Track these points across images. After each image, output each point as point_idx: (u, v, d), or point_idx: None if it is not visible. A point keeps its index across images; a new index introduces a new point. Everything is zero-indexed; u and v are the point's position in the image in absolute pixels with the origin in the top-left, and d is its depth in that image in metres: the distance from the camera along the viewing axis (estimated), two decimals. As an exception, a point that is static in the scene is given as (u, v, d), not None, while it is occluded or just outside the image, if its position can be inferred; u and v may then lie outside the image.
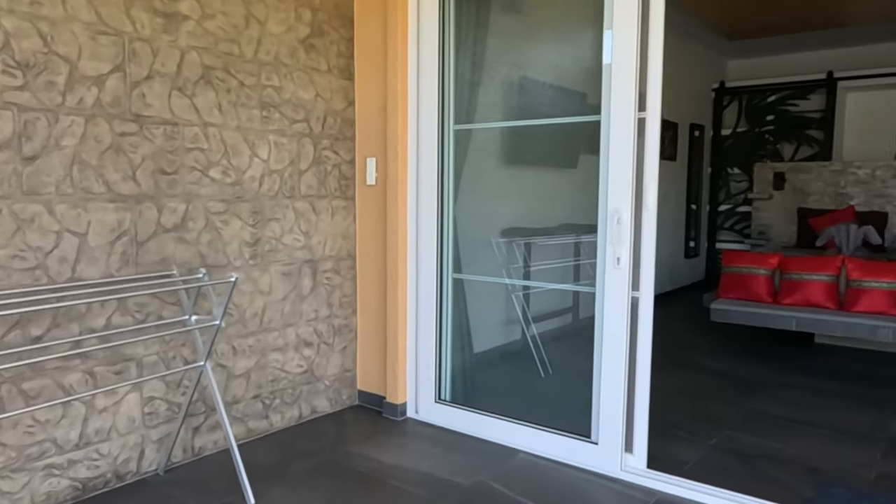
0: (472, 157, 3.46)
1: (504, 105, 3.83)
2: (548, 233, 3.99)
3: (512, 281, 3.46)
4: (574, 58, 3.68)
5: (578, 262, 4.10)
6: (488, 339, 3.89)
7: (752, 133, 7.86)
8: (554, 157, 4.01)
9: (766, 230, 7.26)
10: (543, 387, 3.62)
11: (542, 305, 4.05)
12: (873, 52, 7.27)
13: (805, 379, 4.03)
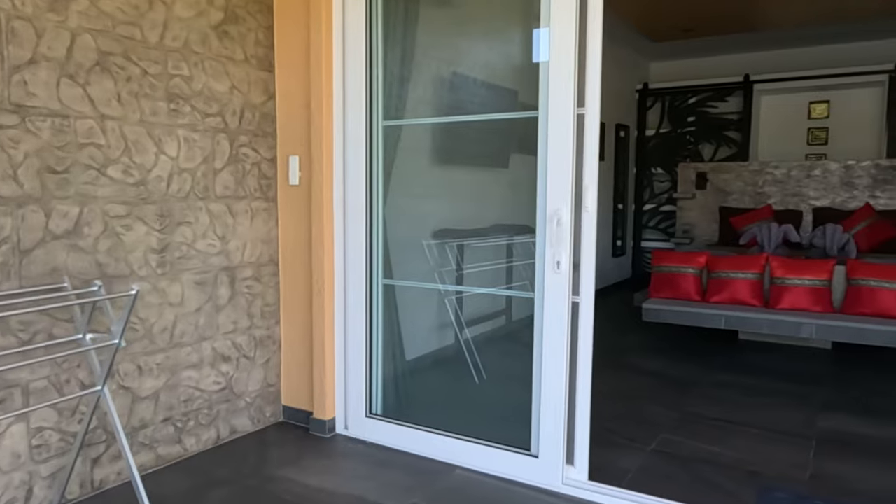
0: (402, 155, 3.29)
1: (435, 101, 3.68)
2: (480, 234, 3.86)
3: (446, 286, 3.30)
4: (506, 55, 3.56)
5: (511, 264, 3.99)
6: (421, 345, 3.73)
7: (674, 134, 8.04)
8: (486, 155, 3.89)
9: (689, 229, 7.43)
10: (479, 394, 3.49)
11: (475, 308, 3.92)
12: (785, 57, 7.57)
13: (734, 377, 4.07)
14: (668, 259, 4.69)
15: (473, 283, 3.86)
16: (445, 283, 3.66)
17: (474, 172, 3.98)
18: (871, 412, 3.44)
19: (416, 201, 3.65)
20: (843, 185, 6.59)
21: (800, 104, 7.64)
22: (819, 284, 4.20)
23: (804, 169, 6.78)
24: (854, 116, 7.33)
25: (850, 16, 6.15)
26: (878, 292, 4.00)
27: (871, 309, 4.02)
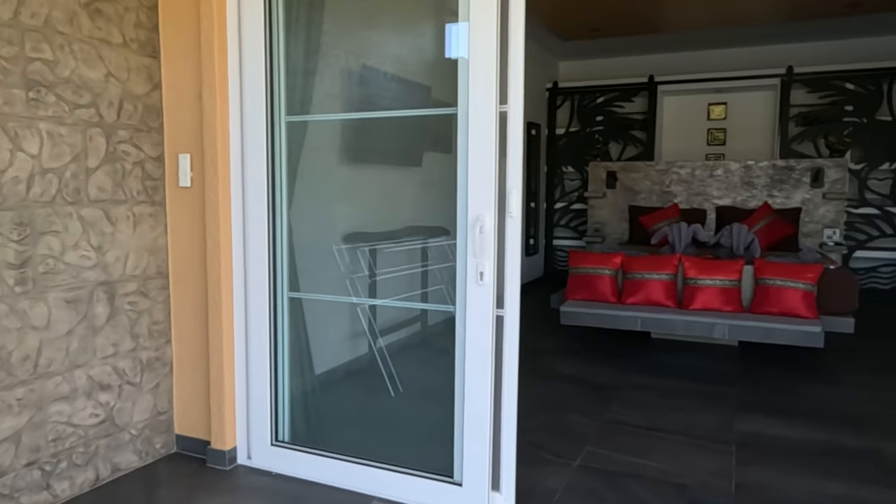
0: (309, 153, 3.02)
1: (344, 96, 3.43)
2: (394, 236, 3.64)
3: (360, 299, 3.06)
4: (419, 49, 3.37)
5: (427, 268, 3.80)
6: (332, 358, 3.48)
7: (583, 133, 8.12)
8: (398, 154, 3.69)
9: (600, 227, 7.52)
10: (396, 410, 3.28)
11: (390, 314, 3.71)
12: (687, 59, 7.80)
13: (649, 378, 4.06)
14: (585, 260, 4.65)
15: (388, 289, 3.65)
16: (358, 290, 3.44)
17: (386, 171, 3.77)
18: (783, 412, 3.50)
19: (325, 203, 3.40)
20: (744, 184, 6.85)
21: (700, 105, 7.90)
22: (729, 284, 4.28)
23: (707, 169, 7.00)
24: (749, 118, 7.66)
25: (745, 20, 6.38)
26: (784, 291, 4.11)
27: (778, 308, 4.12)
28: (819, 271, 4.12)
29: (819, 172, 6.56)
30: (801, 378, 4.06)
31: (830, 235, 6.51)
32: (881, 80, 6.78)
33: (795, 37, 7.07)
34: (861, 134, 6.85)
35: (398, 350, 3.50)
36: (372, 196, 3.68)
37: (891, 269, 6.81)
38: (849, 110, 6.90)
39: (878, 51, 6.96)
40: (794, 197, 6.66)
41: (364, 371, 3.62)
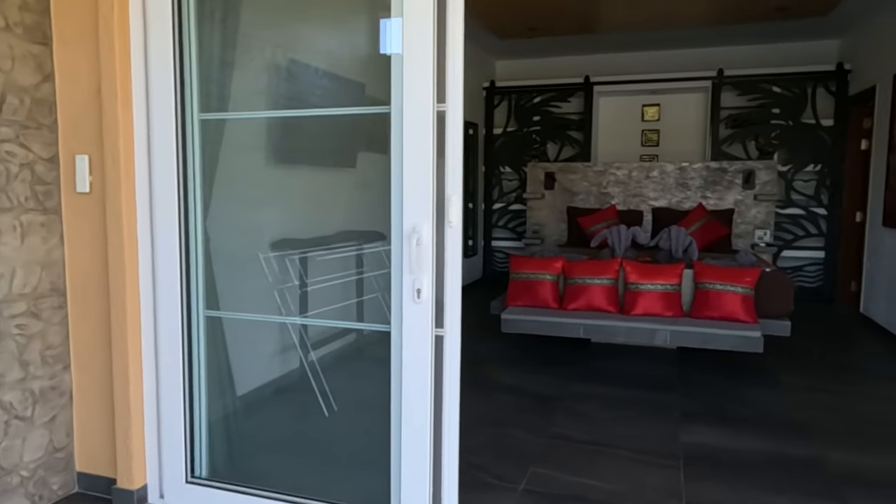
0: (229, 154, 2.75)
1: (269, 92, 3.18)
2: (326, 242, 3.41)
3: (285, 319, 2.81)
4: (352, 44, 3.16)
5: (362, 275, 3.59)
6: (258, 376, 3.21)
7: (521, 133, 8.03)
8: (330, 154, 3.46)
9: (539, 229, 7.44)
10: (330, 432, 3.05)
11: (322, 325, 3.46)
12: (622, 60, 7.82)
13: (591, 387, 3.96)
14: (525, 266, 4.52)
15: (321, 299, 3.42)
16: (287, 301, 3.19)
17: (318, 173, 3.53)
18: (726, 420, 3.45)
19: (250, 208, 3.13)
20: (679, 185, 6.90)
21: (634, 106, 7.95)
22: (670, 289, 4.23)
23: (644, 170, 7.02)
24: (682, 120, 7.75)
25: (678, 22, 6.41)
26: (724, 296, 4.09)
27: (718, 312, 4.10)
28: (757, 275, 4.12)
29: (750, 174, 6.67)
30: (740, 382, 4.05)
31: (761, 236, 6.63)
32: (806, 84, 6.96)
33: (726, 40, 7.19)
34: (787, 136, 7.02)
35: (332, 363, 3.27)
36: (302, 199, 3.44)
37: (816, 268, 7.02)
38: (776, 113, 7.06)
39: (803, 55, 7.15)
40: (727, 198, 6.76)
41: (294, 388, 3.37)
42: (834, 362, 4.61)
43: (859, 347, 5.08)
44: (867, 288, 6.06)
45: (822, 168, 6.91)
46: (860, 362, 4.62)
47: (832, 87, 6.87)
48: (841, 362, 4.62)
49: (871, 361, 4.63)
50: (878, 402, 3.75)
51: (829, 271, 6.92)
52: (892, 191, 5.44)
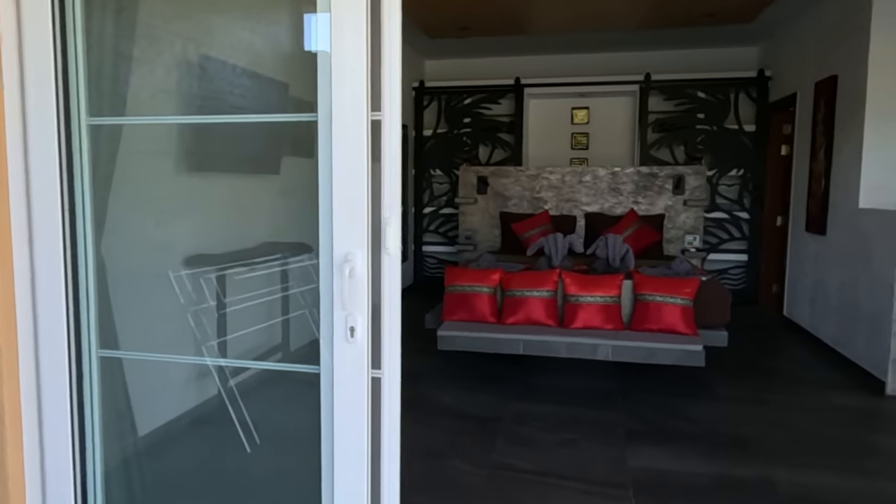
0: (132, 163, 2.39)
1: (179, 92, 2.82)
2: (247, 256, 3.08)
3: (197, 360, 2.48)
4: (274, 39, 2.86)
5: (287, 291, 3.30)
6: (167, 409, 2.86)
7: (451, 134, 7.82)
8: (251, 160, 3.14)
9: (472, 234, 7.26)
10: (252, 471, 2.74)
11: (245, 345, 3.15)
12: (552, 62, 7.75)
13: (532, 405, 3.79)
14: (461, 277, 4.30)
15: (242, 320, 3.10)
16: (203, 324, 2.86)
17: (236, 180, 3.20)
18: (670, 439, 3.34)
19: (157, 223, 2.78)
20: (611, 190, 6.88)
21: (564, 109, 7.91)
22: (610, 301, 4.11)
23: (576, 175, 6.96)
24: (610, 123, 7.77)
25: (608, 25, 6.37)
26: (664, 308, 4.01)
27: (658, 325, 4.01)
28: (696, 286, 4.07)
29: (680, 180, 6.72)
30: (679, 395, 3.98)
31: (691, 241, 6.69)
32: (729, 90, 7.09)
33: (654, 45, 7.23)
34: (712, 141, 7.13)
35: (255, 388, 2.96)
36: (219, 210, 3.10)
37: (739, 271, 7.16)
38: (701, 118, 7.16)
39: (726, 61, 7.29)
40: (658, 204, 6.79)
41: (211, 420, 3.03)
42: (767, 370, 4.63)
43: (788, 353, 5.15)
44: (790, 292, 6.20)
45: (744, 173, 7.06)
46: (791, 370, 4.66)
47: (753, 94, 7.02)
48: (773, 370, 4.65)
49: (802, 368, 4.69)
50: (814, 413, 3.75)
51: (751, 274, 7.08)
52: (814, 197, 5.56)
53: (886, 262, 4.15)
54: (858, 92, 4.68)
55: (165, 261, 2.76)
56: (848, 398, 4.02)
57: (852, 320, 4.67)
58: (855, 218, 4.71)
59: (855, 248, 4.69)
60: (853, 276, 4.70)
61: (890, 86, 4.51)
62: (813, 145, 5.63)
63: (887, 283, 4.12)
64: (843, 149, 4.98)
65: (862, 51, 4.62)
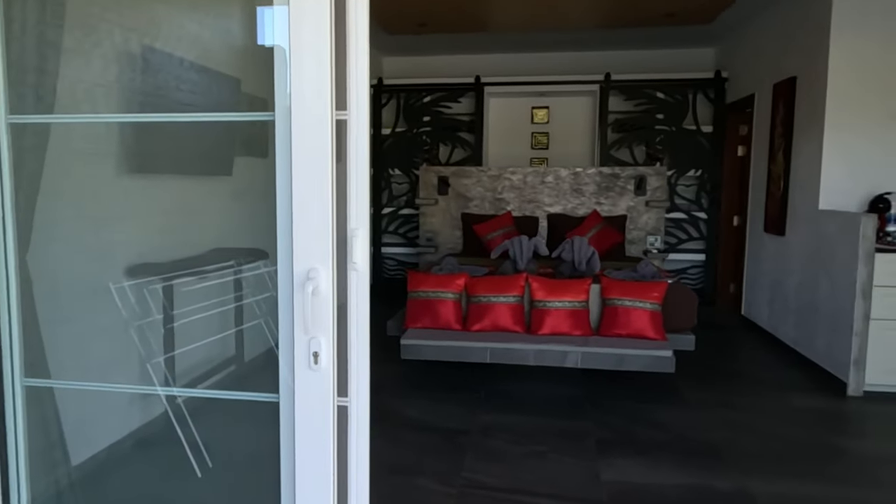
0: (64, 165, 2.16)
1: (121, 87, 2.61)
2: (197, 264, 2.87)
3: (136, 388, 2.26)
4: (225, 31, 2.67)
5: (242, 301, 3.10)
6: (108, 432, 2.62)
7: (410, 133, 7.65)
8: (201, 160, 2.94)
9: (433, 237, 7.09)
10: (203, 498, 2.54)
11: (194, 358, 2.94)
12: (512, 61, 7.65)
13: (500, 416, 3.66)
14: (425, 283, 4.14)
15: (191, 333, 2.89)
16: (148, 340, 2.65)
17: (185, 182, 2.98)
18: (642, 448, 3.25)
19: (96, 230, 2.55)
20: (573, 191, 6.81)
21: (524, 108, 7.82)
22: (578, 306, 4.01)
23: (539, 175, 6.87)
24: (571, 123, 7.72)
25: (568, 24, 6.30)
26: (633, 312, 3.93)
27: (627, 330, 3.93)
28: (664, 290, 4.00)
29: (642, 180, 6.70)
30: (648, 400, 3.91)
31: (653, 242, 6.68)
32: (687, 91, 7.11)
33: (614, 44, 7.20)
34: (671, 142, 7.14)
35: (207, 405, 2.75)
36: (166, 215, 2.88)
37: (697, 271, 7.20)
38: (660, 118, 7.16)
39: (683, 62, 7.32)
40: (620, 204, 6.75)
41: (157, 443, 2.80)
42: (730, 373, 4.61)
43: (750, 355, 5.16)
44: (748, 292, 6.24)
45: (702, 173, 7.09)
46: (754, 371, 4.66)
47: (711, 95, 7.06)
48: (737, 372, 4.63)
49: (764, 370, 4.69)
50: (780, 417, 3.73)
51: (709, 274, 7.12)
52: (773, 198, 5.60)
53: (848, 263, 4.17)
54: (818, 94, 4.71)
55: (105, 271, 2.55)
56: (811, 400, 4.02)
57: (812, 321, 4.70)
58: (815, 219, 4.74)
59: (815, 249, 4.72)
60: (813, 278, 4.73)
61: (850, 88, 4.54)
62: (771, 146, 5.66)
63: (849, 284, 4.14)
64: (803, 150, 5.01)
65: (822, 52, 4.65)
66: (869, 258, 4.02)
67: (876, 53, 4.49)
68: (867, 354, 4.05)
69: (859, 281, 4.04)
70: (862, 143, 4.58)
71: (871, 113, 4.54)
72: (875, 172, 4.58)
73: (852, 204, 4.63)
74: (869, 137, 4.56)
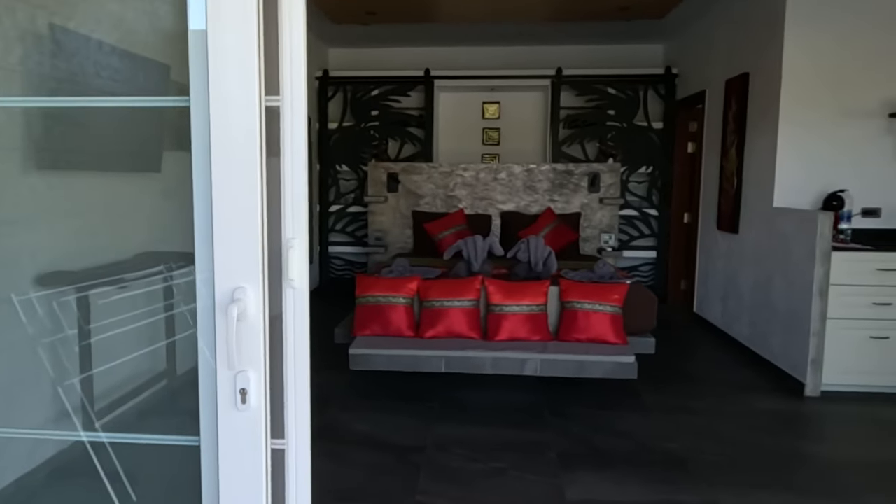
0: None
1: (24, 72, 2.27)
2: (121, 271, 2.55)
3: (31, 433, 1.96)
4: (152, 13, 2.35)
5: (173, 310, 2.77)
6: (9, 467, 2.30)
7: (358, 128, 7.35)
8: (124, 155, 2.60)
9: (382, 236, 6.82)
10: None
11: (115, 378, 2.62)
12: (463, 54, 7.44)
13: (455, 428, 3.44)
14: (374, 287, 3.88)
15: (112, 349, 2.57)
16: (61, 359, 2.34)
17: (106, 180, 2.64)
18: (607, 460, 3.09)
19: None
20: (526, 188, 6.65)
21: (475, 103, 7.63)
22: (536, 310, 3.82)
23: (491, 172, 6.68)
24: (522, 119, 7.56)
25: (520, 16, 6.12)
26: (593, 316, 3.77)
27: (587, 334, 3.77)
28: (625, 292, 3.86)
29: (595, 177, 6.59)
30: (609, 407, 3.76)
31: (607, 240, 6.58)
32: (638, 87, 7.04)
33: (565, 39, 7.07)
34: (622, 138, 7.07)
35: (131, 428, 2.43)
36: (84, 216, 2.54)
37: (649, 268, 7.16)
38: (611, 114, 7.08)
39: (636, 58, 7.25)
40: (574, 202, 6.63)
41: (71, 475, 2.46)
42: (688, 374, 4.52)
43: (705, 354, 5.10)
44: (700, 289, 6.21)
45: (653, 170, 7.04)
46: (711, 372, 4.58)
47: (662, 91, 7.01)
48: (694, 374, 4.55)
49: (720, 370, 4.62)
50: (741, 421, 3.64)
51: (660, 271, 7.09)
52: (726, 196, 5.55)
53: (804, 262, 4.12)
54: (772, 90, 4.65)
55: (7, 281, 2.22)
56: (771, 402, 3.96)
57: (767, 320, 4.66)
58: (770, 217, 4.69)
59: (770, 247, 4.67)
60: (768, 276, 4.68)
61: (804, 84, 4.50)
62: (724, 143, 5.61)
63: (805, 283, 4.09)
64: (756, 147, 4.96)
65: (775, 48, 4.59)
66: (826, 257, 3.97)
67: (830, 48, 4.46)
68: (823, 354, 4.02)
69: (816, 280, 3.99)
70: (816, 139, 4.55)
71: (824, 109, 4.51)
72: (828, 170, 4.56)
73: (806, 201, 4.60)
74: (822, 134, 4.54)
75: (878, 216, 4.55)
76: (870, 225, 4.52)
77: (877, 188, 4.52)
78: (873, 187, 4.52)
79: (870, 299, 4.01)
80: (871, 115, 4.47)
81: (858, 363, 4.04)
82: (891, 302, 4.00)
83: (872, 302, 4.01)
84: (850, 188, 4.45)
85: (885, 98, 4.44)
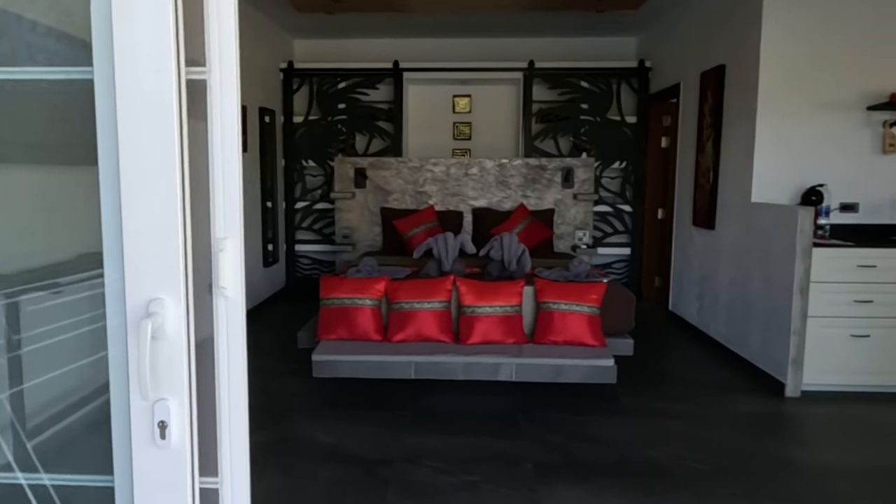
0: None
1: None
2: (58, 273, 2.26)
3: None
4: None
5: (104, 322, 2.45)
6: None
7: (324, 122, 7.08)
8: (59, 147, 2.31)
9: (350, 233, 6.57)
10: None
11: (50, 393, 2.33)
12: (433, 46, 7.22)
13: (427, 439, 3.24)
14: (339, 289, 3.65)
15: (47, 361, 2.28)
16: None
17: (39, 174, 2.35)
18: (583, 472, 2.92)
19: None
20: (499, 184, 6.47)
21: (445, 97, 7.42)
22: (510, 311, 3.64)
23: (462, 167, 6.48)
24: (493, 113, 7.38)
25: (491, 6, 5.93)
26: (570, 317, 3.60)
27: (564, 336, 3.60)
28: (602, 291, 3.69)
29: (569, 172, 6.44)
30: (586, 412, 3.59)
31: (581, 237, 6.44)
32: (611, 80, 6.91)
33: (537, 31, 6.90)
34: (596, 132, 6.93)
35: (67, 447, 2.16)
36: (15, 214, 2.26)
37: (623, 265, 7.04)
38: (584, 108, 6.93)
39: (609, 51, 7.12)
40: (547, 198, 6.47)
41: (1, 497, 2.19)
42: (665, 375, 4.39)
43: (682, 353, 4.97)
44: (675, 287, 6.10)
45: (626, 165, 6.92)
46: (689, 373, 4.45)
47: (635, 85, 6.89)
48: (672, 374, 4.42)
49: (698, 370, 4.50)
50: (722, 424, 3.51)
51: (634, 267, 6.98)
52: (702, 191, 5.44)
53: (783, 259, 4.01)
54: (749, 82, 4.54)
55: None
56: (752, 404, 3.83)
57: (745, 318, 4.55)
58: (747, 213, 4.58)
59: (747, 243, 4.56)
60: (746, 273, 4.57)
61: (782, 76, 4.39)
62: (699, 137, 5.50)
63: (785, 280, 3.97)
64: (733, 141, 4.84)
65: (752, 39, 4.47)
66: (806, 254, 3.86)
67: (807, 39, 4.35)
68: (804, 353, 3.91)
69: (797, 277, 3.88)
70: (794, 133, 4.44)
71: (802, 102, 4.41)
72: (806, 164, 4.46)
73: (784, 197, 4.49)
74: (800, 128, 4.43)
75: (856, 211, 4.47)
76: (848, 220, 4.44)
77: (855, 183, 4.44)
78: (851, 182, 4.43)
79: (850, 297, 3.92)
80: (849, 108, 4.38)
81: (839, 362, 3.94)
82: (871, 299, 3.91)
83: (853, 299, 3.91)
84: (828, 182, 4.36)
85: (864, 90, 4.36)
